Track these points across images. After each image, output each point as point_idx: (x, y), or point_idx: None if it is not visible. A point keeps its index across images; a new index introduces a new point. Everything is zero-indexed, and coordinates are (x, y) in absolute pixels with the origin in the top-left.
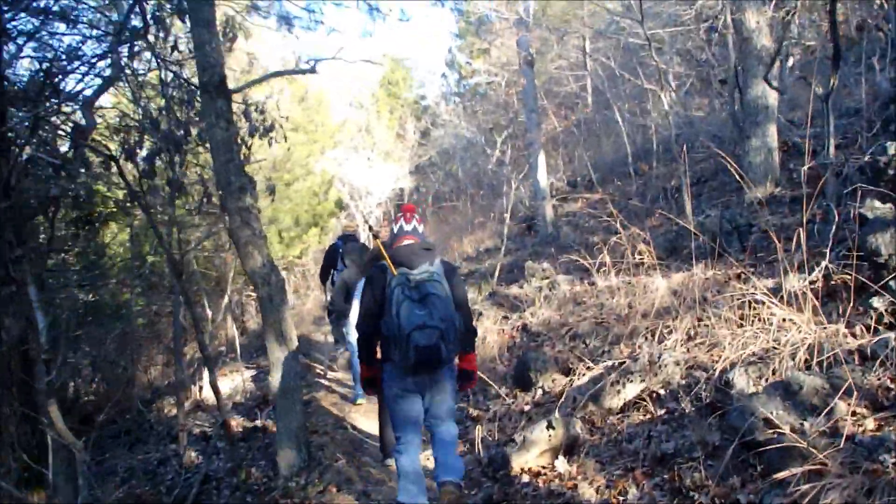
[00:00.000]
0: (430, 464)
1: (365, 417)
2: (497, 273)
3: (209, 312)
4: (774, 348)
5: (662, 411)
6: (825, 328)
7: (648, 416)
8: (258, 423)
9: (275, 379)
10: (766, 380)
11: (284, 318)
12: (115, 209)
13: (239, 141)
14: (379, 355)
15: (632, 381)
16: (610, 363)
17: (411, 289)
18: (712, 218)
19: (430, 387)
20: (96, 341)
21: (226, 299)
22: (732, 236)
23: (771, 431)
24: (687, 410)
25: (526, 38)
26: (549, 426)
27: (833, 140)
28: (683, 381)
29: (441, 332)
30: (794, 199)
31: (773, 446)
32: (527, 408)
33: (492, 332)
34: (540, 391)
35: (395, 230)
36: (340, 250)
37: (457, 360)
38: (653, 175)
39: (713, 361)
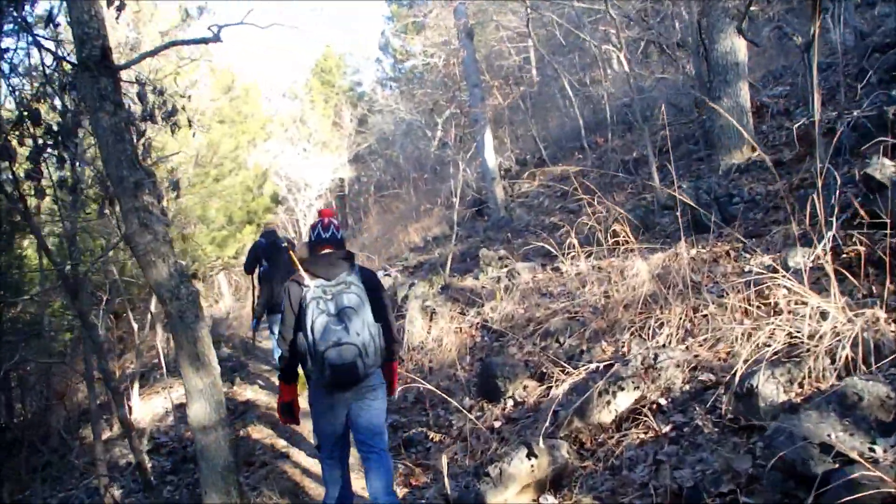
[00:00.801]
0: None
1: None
2: (449, 263)
3: (135, 326)
4: (802, 343)
5: (668, 427)
6: (859, 314)
7: (651, 433)
8: (189, 451)
9: (193, 412)
10: (800, 385)
11: (200, 337)
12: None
13: (132, 128)
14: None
15: (624, 389)
16: (593, 366)
17: (327, 301)
18: (686, 189)
19: (355, 402)
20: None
21: (152, 308)
22: (712, 208)
23: (833, 461)
24: (701, 426)
25: (463, 6)
26: (530, 454)
27: (818, 95)
28: (688, 387)
29: (358, 349)
30: (777, 164)
31: (851, 497)
32: (497, 424)
33: (448, 332)
34: (511, 402)
35: (313, 238)
36: (263, 247)
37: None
38: (608, 148)
39: (722, 361)
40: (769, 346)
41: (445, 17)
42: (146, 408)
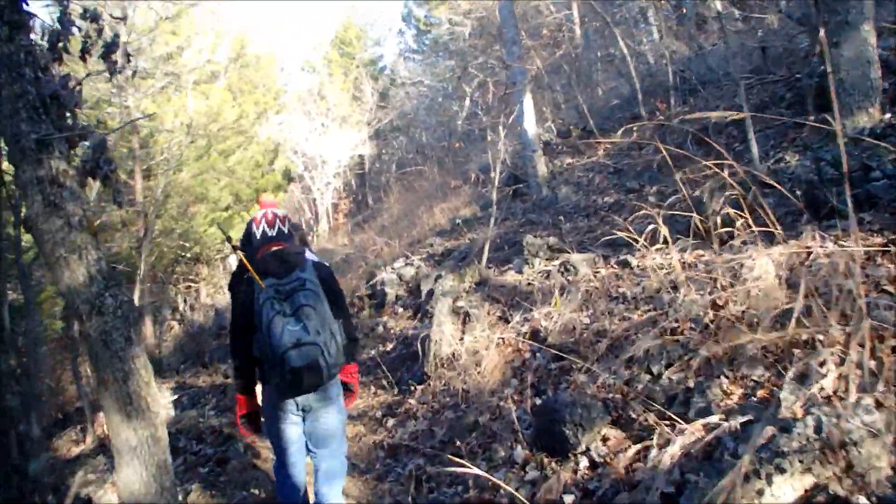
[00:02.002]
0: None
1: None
2: (486, 252)
3: None
4: None
5: None
6: None
7: None
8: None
9: (122, 479)
10: None
11: (133, 370)
12: None
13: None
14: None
15: (785, 471)
16: (714, 419)
17: (282, 301)
18: (798, 163)
19: (313, 407)
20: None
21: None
22: (840, 187)
23: None
24: None
25: None
26: None
27: None
28: None
29: (320, 348)
30: None
31: None
32: (569, 500)
33: (488, 344)
34: (585, 461)
35: (258, 238)
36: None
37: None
38: (671, 115)
39: None
40: None
41: None
42: None
